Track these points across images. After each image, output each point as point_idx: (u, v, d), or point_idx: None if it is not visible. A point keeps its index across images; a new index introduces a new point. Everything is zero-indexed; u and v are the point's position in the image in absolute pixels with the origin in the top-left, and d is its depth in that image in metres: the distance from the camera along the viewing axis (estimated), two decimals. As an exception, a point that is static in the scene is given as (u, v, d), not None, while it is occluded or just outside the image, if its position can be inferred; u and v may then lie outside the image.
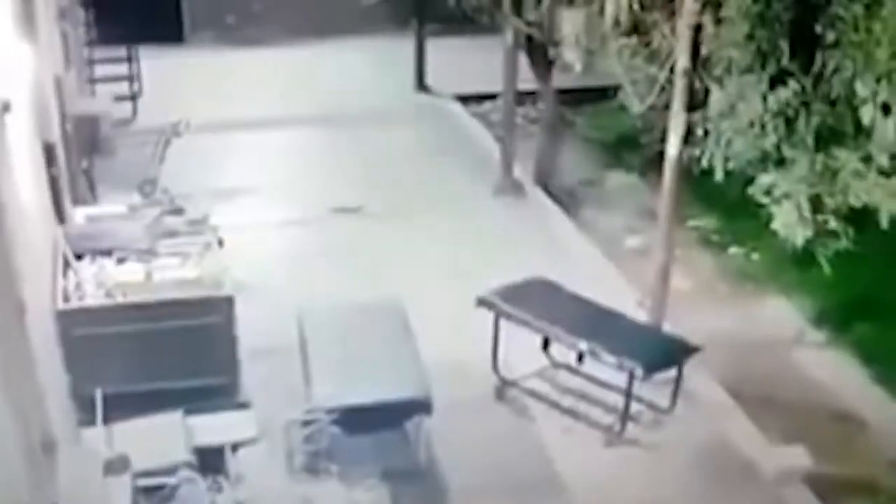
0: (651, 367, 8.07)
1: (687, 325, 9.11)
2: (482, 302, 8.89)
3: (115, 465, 6.41)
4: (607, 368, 8.35)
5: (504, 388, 8.93)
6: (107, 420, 7.12)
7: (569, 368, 9.03)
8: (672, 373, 8.44)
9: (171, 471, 6.74)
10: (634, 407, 8.43)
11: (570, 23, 11.10)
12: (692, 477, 8.01)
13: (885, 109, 7.18)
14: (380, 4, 18.57)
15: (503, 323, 8.87)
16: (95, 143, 13.09)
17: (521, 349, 9.03)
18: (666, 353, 8.45)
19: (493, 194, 13.01)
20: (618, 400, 8.41)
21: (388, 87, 16.71)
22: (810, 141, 7.87)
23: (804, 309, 10.67)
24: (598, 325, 8.60)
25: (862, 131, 7.48)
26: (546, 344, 9.06)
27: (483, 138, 15.04)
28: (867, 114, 7.23)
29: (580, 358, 8.65)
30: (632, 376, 8.07)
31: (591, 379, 8.87)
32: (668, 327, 9.19)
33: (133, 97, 15.27)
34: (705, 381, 9.04)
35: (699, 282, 11.23)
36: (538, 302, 8.85)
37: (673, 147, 8.94)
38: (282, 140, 14.73)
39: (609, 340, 8.27)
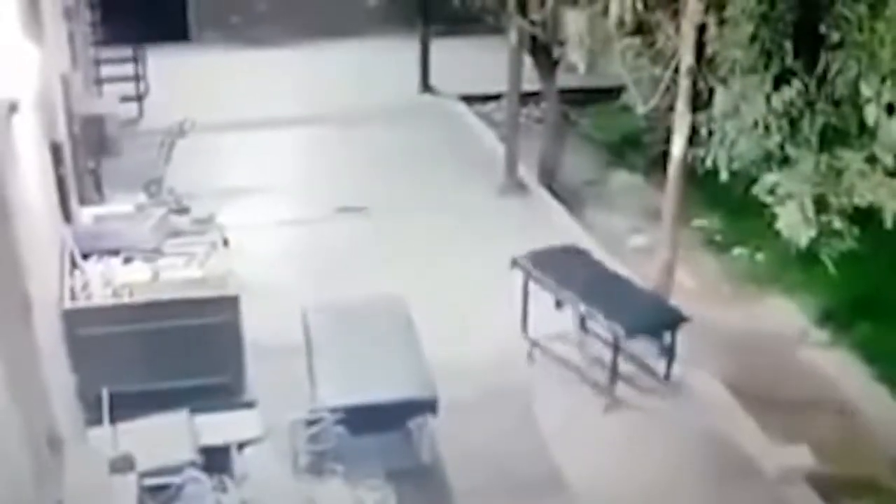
0: (632, 331, 8.53)
1: (691, 325, 9.11)
2: (515, 263, 9.44)
3: (121, 465, 6.43)
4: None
5: (532, 348, 9.35)
6: (113, 419, 7.14)
7: (586, 333, 9.41)
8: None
9: (176, 470, 6.75)
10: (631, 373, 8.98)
11: (574, 23, 11.11)
12: (695, 475, 8.02)
13: (890, 109, 7.19)
14: (384, 5, 18.61)
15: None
16: (102, 142, 13.12)
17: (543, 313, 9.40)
18: (650, 319, 8.88)
19: (497, 194, 13.03)
20: (626, 363, 8.97)
21: (393, 88, 16.74)
22: (814, 141, 7.88)
23: (808, 309, 10.68)
24: (602, 289, 9.06)
25: (866, 131, 7.49)
26: (559, 304, 9.36)
27: (487, 138, 15.06)
28: (871, 114, 7.24)
29: (583, 320, 9.16)
30: (617, 338, 8.52)
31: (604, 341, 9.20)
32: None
33: (139, 97, 15.33)
34: (708, 380, 9.06)
35: (703, 282, 11.24)
36: (559, 266, 9.35)
37: (677, 147, 8.96)
38: (287, 140, 14.77)
39: (605, 303, 8.72)
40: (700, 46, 8.56)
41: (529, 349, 9.36)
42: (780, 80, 7.90)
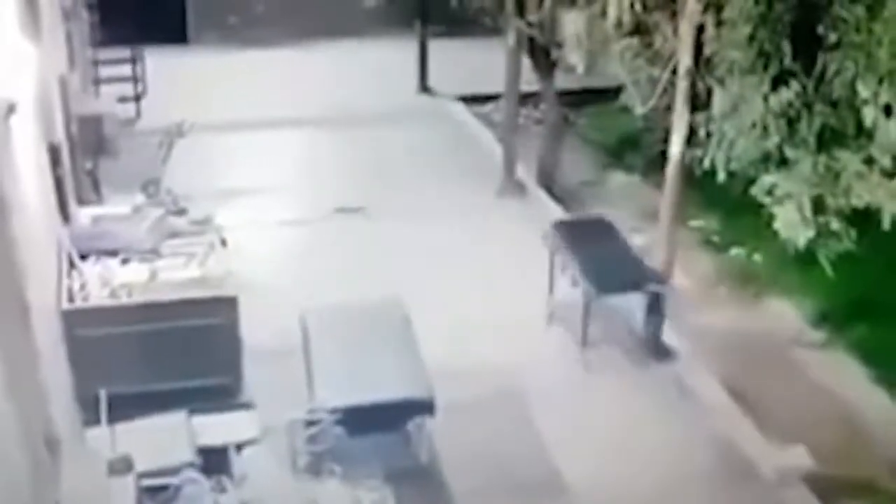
0: (602, 290, 9.00)
1: (688, 325, 9.13)
2: (545, 234, 9.98)
3: (119, 466, 6.44)
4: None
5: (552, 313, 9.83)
6: (111, 420, 7.15)
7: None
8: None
9: (174, 471, 6.76)
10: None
11: (572, 24, 11.11)
12: (692, 476, 8.03)
13: (887, 111, 7.21)
14: (383, 6, 18.61)
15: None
16: (100, 143, 13.10)
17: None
18: (620, 280, 9.22)
19: (495, 195, 13.03)
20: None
21: (391, 89, 16.73)
22: (812, 142, 7.89)
23: (804, 310, 10.68)
24: (598, 255, 9.43)
25: (864, 132, 7.50)
26: (563, 268, 9.75)
27: (485, 139, 15.06)
28: (869, 115, 7.26)
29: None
30: (587, 297, 8.97)
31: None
32: (668, 325, 9.24)
33: (137, 98, 15.31)
34: (706, 381, 9.06)
35: (700, 282, 11.25)
36: (577, 235, 9.81)
37: (675, 148, 8.98)
38: (285, 141, 14.76)
39: (590, 267, 9.10)
40: (698, 47, 8.57)
41: (550, 312, 9.80)
42: (778, 81, 7.91)
